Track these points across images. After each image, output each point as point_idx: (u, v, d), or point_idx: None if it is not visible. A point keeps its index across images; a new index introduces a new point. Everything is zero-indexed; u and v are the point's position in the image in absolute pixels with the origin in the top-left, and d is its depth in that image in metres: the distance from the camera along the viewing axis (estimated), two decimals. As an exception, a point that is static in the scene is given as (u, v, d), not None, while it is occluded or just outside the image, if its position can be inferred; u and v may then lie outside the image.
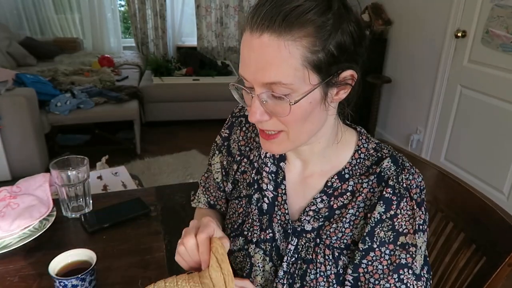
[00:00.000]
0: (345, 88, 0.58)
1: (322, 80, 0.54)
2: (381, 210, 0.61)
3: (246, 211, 0.73)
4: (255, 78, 0.54)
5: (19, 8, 4.37)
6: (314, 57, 0.52)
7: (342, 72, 0.55)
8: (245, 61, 0.55)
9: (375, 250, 0.62)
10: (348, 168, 0.65)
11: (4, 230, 0.85)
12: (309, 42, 0.51)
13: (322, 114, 0.58)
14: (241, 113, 0.78)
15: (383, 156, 0.64)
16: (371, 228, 0.61)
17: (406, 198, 0.61)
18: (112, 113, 2.99)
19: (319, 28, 0.51)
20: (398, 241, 0.61)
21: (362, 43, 0.56)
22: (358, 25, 0.55)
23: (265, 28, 0.51)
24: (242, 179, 0.75)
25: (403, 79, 3.07)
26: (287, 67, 0.51)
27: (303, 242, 0.67)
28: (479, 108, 2.32)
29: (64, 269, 0.71)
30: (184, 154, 3.11)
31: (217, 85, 3.65)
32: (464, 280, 0.76)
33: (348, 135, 0.67)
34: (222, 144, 0.79)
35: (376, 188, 0.63)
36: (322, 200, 0.65)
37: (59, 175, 0.92)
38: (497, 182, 2.21)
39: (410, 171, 0.63)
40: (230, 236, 0.75)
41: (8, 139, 2.43)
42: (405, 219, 0.61)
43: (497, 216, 0.70)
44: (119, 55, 4.53)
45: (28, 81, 2.74)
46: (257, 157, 0.73)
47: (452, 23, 2.45)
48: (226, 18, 4.59)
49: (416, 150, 2.93)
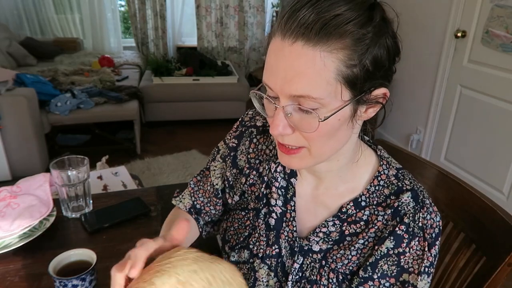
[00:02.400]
0: (375, 106, 0.55)
1: (354, 97, 0.50)
2: (389, 246, 0.59)
3: (253, 224, 0.71)
4: (282, 88, 0.50)
5: (19, 8, 4.37)
6: (349, 72, 0.48)
7: (375, 90, 0.52)
8: (272, 69, 0.51)
9: (374, 280, 0.60)
10: (365, 195, 0.62)
11: (4, 230, 0.85)
12: (346, 55, 0.47)
13: (348, 131, 0.55)
14: (251, 123, 0.73)
15: (404, 188, 0.61)
16: (376, 260, 0.60)
17: (419, 238, 0.58)
18: (112, 113, 2.99)
19: (358, 41, 0.48)
20: (401, 277, 0.59)
21: (396, 58, 0.53)
22: (394, 39, 0.52)
23: (300, 36, 0.47)
24: (250, 191, 0.72)
25: (403, 79, 3.07)
26: (320, 80, 0.48)
27: (308, 261, 0.65)
28: (479, 108, 2.32)
29: (64, 269, 0.71)
30: (184, 154, 3.11)
31: (217, 85, 3.65)
32: (464, 280, 0.76)
33: (367, 156, 0.63)
34: (228, 154, 0.74)
35: (389, 222, 0.60)
36: (334, 224, 0.63)
37: (59, 175, 0.92)
38: (497, 182, 2.21)
39: (428, 210, 0.59)
40: (235, 248, 0.73)
41: (8, 139, 2.43)
42: (413, 258, 0.59)
43: (497, 216, 0.70)
44: (119, 55, 4.53)
45: (28, 81, 2.73)
46: (267, 171, 0.69)
47: (452, 23, 2.45)
48: (226, 18, 4.59)
49: (416, 150, 2.93)
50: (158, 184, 2.36)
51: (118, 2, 4.75)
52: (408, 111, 3.03)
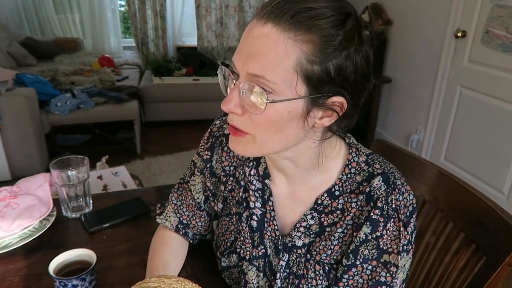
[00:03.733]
0: (331, 116, 0.54)
1: (309, 94, 0.51)
2: (367, 231, 0.60)
3: (237, 228, 0.73)
4: (243, 66, 0.52)
5: (19, 8, 4.38)
6: (309, 67, 0.49)
7: (333, 96, 0.52)
8: (240, 46, 0.53)
9: (357, 266, 0.61)
10: (338, 185, 0.63)
11: (4, 230, 0.85)
12: (310, 49, 0.48)
13: (298, 131, 0.54)
14: (220, 132, 0.74)
15: (375, 172, 0.61)
16: (356, 246, 0.61)
17: (394, 219, 0.60)
18: (112, 113, 2.99)
19: (325, 39, 0.48)
20: (382, 259, 0.61)
21: (364, 82, 0.53)
22: (367, 61, 0.52)
23: (272, 19, 0.49)
24: (230, 196, 0.74)
25: (403, 79, 3.07)
26: (278, 64, 0.49)
27: (294, 257, 0.67)
28: (479, 108, 2.32)
29: (64, 269, 0.71)
30: (184, 154, 3.11)
31: (217, 85, 3.50)
32: (464, 280, 0.76)
33: (336, 147, 0.64)
34: (204, 166, 0.76)
35: (364, 207, 0.61)
36: (312, 217, 0.64)
37: (59, 175, 0.92)
38: (497, 182, 2.21)
39: (400, 190, 0.60)
40: (224, 253, 0.74)
41: (8, 139, 2.43)
42: (391, 239, 0.60)
43: (497, 216, 0.70)
44: (119, 55, 4.53)
45: (28, 81, 2.74)
46: (242, 175, 0.71)
47: (452, 23, 2.46)
48: (226, 18, 4.59)
49: (416, 150, 2.93)
50: (158, 184, 2.36)
51: (118, 2, 4.75)
52: (408, 111, 3.03)
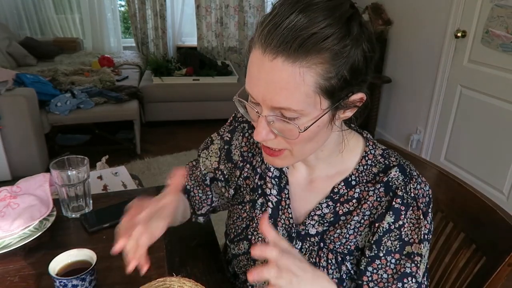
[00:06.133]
0: (353, 109, 0.57)
1: (332, 105, 0.53)
2: (390, 220, 0.61)
3: (250, 216, 0.73)
4: (263, 100, 0.53)
5: (19, 8, 4.37)
6: (327, 84, 0.50)
7: (353, 95, 0.54)
8: (253, 79, 0.53)
9: (381, 259, 0.62)
10: (355, 175, 0.65)
11: (4, 230, 0.85)
12: (324, 68, 0.49)
13: (327, 133, 0.58)
14: (244, 119, 0.77)
15: (391, 164, 0.64)
16: (379, 237, 0.62)
17: (413, 207, 0.61)
18: (112, 113, 2.99)
19: (336, 55, 0.49)
20: (404, 251, 0.62)
21: (373, 57, 0.55)
22: (370, 40, 0.53)
23: (280, 52, 0.48)
24: (245, 184, 0.75)
25: (403, 79, 3.07)
26: (299, 94, 0.50)
27: (307, 245, 0.67)
28: (479, 108, 2.32)
29: (64, 269, 0.71)
30: (184, 154, 3.11)
31: (217, 85, 3.64)
32: (464, 280, 0.76)
33: (354, 141, 0.67)
34: (222, 147, 0.78)
35: (383, 198, 0.63)
36: (327, 206, 0.66)
37: (59, 175, 0.92)
38: (497, 182, 2.21)
39: (417, 181, 0.62)
40: (234, 240, 0.75)
41: (8, 139, 2.43)
42: (411, 229, 0.61)
43: (497, 216, 0.70)
44: (119, 55, 4.52)
45: (28, 81, 2.73)
46: (259, 163, 0.73)
47: (452, 23, 2.45)
48: (226, 18, 4.59)
49: (416, 150, 2.93)
50: (158, 184, 2.34)
51: (118, 2, 4.75)
52: (408, 111, 3.03)
